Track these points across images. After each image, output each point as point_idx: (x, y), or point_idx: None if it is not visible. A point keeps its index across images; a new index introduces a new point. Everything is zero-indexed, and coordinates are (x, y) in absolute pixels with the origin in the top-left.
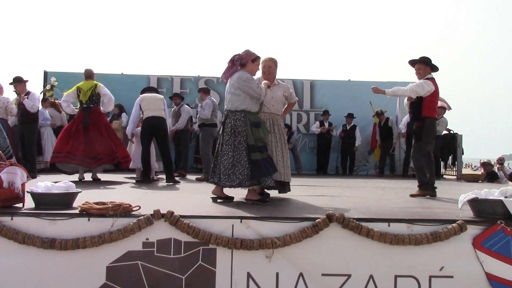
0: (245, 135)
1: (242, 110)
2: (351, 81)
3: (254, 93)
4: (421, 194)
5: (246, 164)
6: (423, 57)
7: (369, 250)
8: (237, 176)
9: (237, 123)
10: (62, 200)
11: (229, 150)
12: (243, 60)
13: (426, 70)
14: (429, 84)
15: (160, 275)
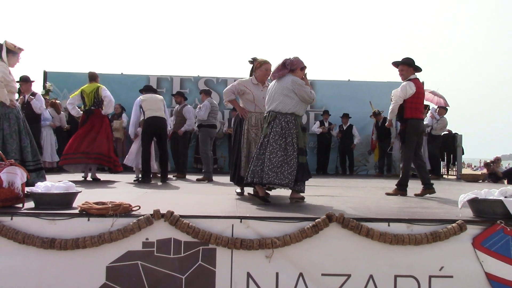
0: (296, 137)
1: (292, 113)
2: (350, 81)
3: (308, 97)
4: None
5: (294, 165)
6: (406, 58)
7: (369, 250)
8: (286, 176)
9: (288, 125)
10: (62, 200)
11: (278, 149)
12: (293, 66)
13: (409, 71)
14: (411, 86)
15: (160, 275)
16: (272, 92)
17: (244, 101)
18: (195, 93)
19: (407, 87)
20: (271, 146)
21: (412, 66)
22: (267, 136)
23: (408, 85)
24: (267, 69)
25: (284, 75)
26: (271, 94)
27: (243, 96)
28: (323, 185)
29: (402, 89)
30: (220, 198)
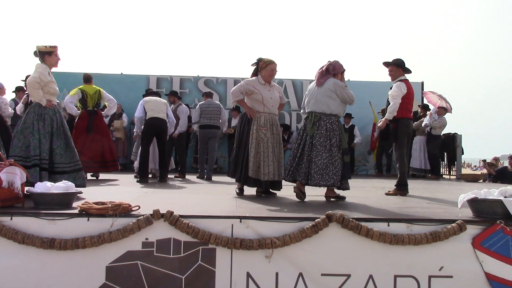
0: (339, 138)
1: (335, 114)
2: (350, 81)
3: (349, 98)
4: (396, 193)
5: (339, 165)
6: (396, 59)
7: (369, 250)
8: (331, 176)
9: (332, 126)
10: (62, 200)
11: (323, 151)
12: (335, 71)
13: (398, 71)
14: (404, 86)
15: (159, 275)
16: (314, 93)
17: (252, 101)
18: (195, 93)
19: (401, 87)
20: (316, 148)
21: (401, 67)
22: (313, 137)
23: (401, 84)
24: (272, 69)
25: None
26: (312, 96)
27: (251, 96)
28: None
29: (397, 88)
30: (220, 198)
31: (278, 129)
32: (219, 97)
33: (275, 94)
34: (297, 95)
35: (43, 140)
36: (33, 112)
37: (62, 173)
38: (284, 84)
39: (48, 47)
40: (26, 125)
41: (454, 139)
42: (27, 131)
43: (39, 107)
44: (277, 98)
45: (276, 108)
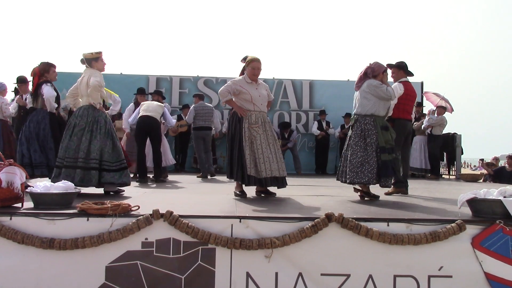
0: (375, 137)
1: (371, 114)
2: (350, 81)
3: (385, 94)
4: (396, 191)
5: (375, 164)
6: (398, 62)
7: (368, 250)
8: (366, 174)
9: (367, 126)
10: (61, 200)
11: (358, 150)
12: (375, 72)
13: (399, 73)
14: (400, 87)
15: (159, 275)
16: (355, 97)
17: (241, 101)
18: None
19: (397, 88)
20: (351, 148)
21: (402, 69)
22: (350, 138)
23: (398, 86)
24: (253, 67)
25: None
26: (355, 100)
27: (239, 96)
28: (322, 185)
29: (394, 89)
30: (220, 198)
31: (271, 126)
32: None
33: (263, 92)
34: (296, 95)
35: (95, 141)
36: (87, 115)
37: (109, 171)
38: (284, 84)
39: (94, 54)
40: (80, 127)
41: (454, 139)
42: (80, 133)
43: (93, 110)
44: (265, 95)
45: (265, 106)
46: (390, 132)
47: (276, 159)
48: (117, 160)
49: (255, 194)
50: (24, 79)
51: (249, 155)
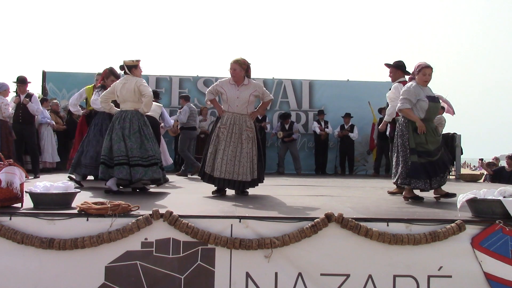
0: (407, 139)
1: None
2: (349, 81)
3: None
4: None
5: (407, 164)
6: (396, 61)
7: (368, 250)
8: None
9: (400, 127)
10: (61, 200)
11: (395, 151)
12: (413, 75)
13: (398, 73)
14: (401, 87)
15: (159, 275)
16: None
17: (221, 101)
18: (194, 93)
19: (398, 88)
20: (395, 147)
21: (400, 69)
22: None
23: (399, 86)
24: (230, 68)
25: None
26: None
27: (221, 96)
28: (322, 185)
29: (395, 90)
30: (219, 198)
31: (242, 128)
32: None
33: (242, 94)
34: (296, 95)
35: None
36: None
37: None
38: (284, 84)
39: (134, 61)
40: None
41: (453, 139)
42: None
43: (141, 115)
44: (245, 98)
45: (243, 108)
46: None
47: (237, 162)
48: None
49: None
50: (24, 79)
51: (211, 154)
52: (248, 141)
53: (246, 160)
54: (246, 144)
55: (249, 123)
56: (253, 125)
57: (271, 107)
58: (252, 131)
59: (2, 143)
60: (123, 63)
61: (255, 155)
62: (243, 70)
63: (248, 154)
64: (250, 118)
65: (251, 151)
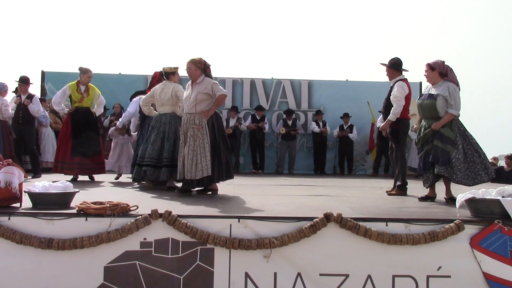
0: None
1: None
2: (349, 81)
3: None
4: (398, 193)
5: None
6: (391, 60)
7: (367, 250)
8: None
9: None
10: (60, 200)
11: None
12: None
13: (393, 72)
14: (406, 86)
15: (158, 275)
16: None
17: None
18: None
19: (404, 87)
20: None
21: (394, 68)
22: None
23: (403, 85)
24: (186, 67)
25: None
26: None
27: None
28: (321, 185)
29: (400, 89)
30: (219, 198)
31: (194, 127)
32: None
33: (193, 93)
34: (295, 95)
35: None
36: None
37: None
38: (283, 84)
39: (172, 68)
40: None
41: None
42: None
43: (178, 118)
44: (194, 96)
45: (191, 107)
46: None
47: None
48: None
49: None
50: (27, 79)
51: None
52: (195, 138)
53: (191, 158)
54: (192, 142)
55: (198, 120)
56: (203, 122)
57: (270, 107)
58: (201, 129)
59: (4, 143)
60: (162, 70)
61: (206, 152)
62: (199, 69)
63: (194, 151)
64: (200, 116)
65: (198, 148)
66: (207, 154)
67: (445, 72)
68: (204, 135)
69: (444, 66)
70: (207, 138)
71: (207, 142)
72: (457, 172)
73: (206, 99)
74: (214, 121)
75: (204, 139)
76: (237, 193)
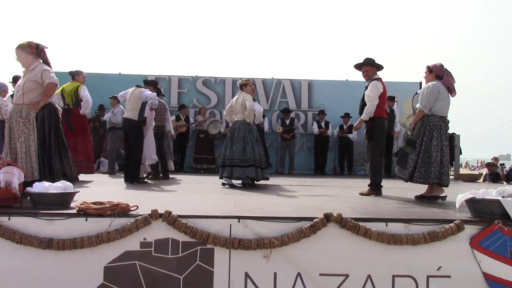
0: None
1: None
2: (348, 81)
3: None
4: (370, 193)
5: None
6: (368, 58)
7: (367, 250)
8: None
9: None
10: (60, 200)
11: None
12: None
13: (373, 71)
14: (380, 85)
15: (158, 275)
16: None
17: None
18: (193, 93)
19: (377, 86)
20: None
21: (375, 66)
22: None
23: (377, 84)
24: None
25: None
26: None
27: None
28: (321, 185)
29: (374, 88)
30: (218, 198)
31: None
32: (218, 97)
33: (22, 82)
34: (295, 95)
35: (254, 146)
36: (244, 128)
37: (262, 168)
38: (283, 84)
39: (244, 80)
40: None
41: (452, 139)
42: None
43: (247, 124)
44: (22, 85)
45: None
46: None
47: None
48: (265, 159)
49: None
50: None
51: None
52: (19, 134)
53: (21, 156)
54: (18, 139)
55: (25, 113)
56: (31, 116)
57: (270, 107)
58: (27, 123)
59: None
60: (238, 83)
61: (31, 152)
62: (31, 54)
63: (21, 149)
64: (28, 108)
65: (24, 145)
66: (32, 154)
67: (442, 75)
68: (31, 131)
69: (442, 69)
70: (34, 134)
71: (33, 140)
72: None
73: (35, 88)
74: (46, 115)
75: (30, 135)
76: (237, 193)
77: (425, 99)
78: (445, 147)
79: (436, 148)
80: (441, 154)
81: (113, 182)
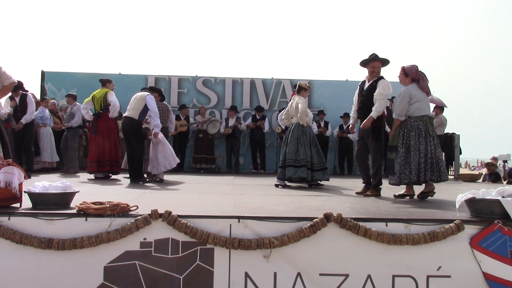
0: None
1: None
2: (348, 81)
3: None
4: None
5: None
6: (375, 54)
7: (367, 250)
8: None
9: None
10: (60, 200)
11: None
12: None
13: (380, 67)
14: (390, 85)
15: (157, 275)
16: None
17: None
18: (193, 93)
19: (390, 86)
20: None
21: (385, 63)
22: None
23: (389, 83)
24: None
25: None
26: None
27: None
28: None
29: (387, 88)
30: (218, 198)
31: None
32: (218, 97)
33: None
34: None
35: (306, 148)
36: (298, 130)
37: (315, 170)
38: (283, 84)
39: (305, 85)
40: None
41: (452, 139)
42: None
43: (302, 126)
44: None
45: None
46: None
47: None
48: (320, 162)
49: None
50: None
51: None
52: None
53: None
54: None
55: None
56: None
57: (270, 107)
58: None
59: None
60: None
61: None
62: None
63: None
64: None
65: None
66: None
67: (418, 79)
68: None
69: (418, 72)
70: None
71: None
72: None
73: None
74: None
75: None
76: (237, 193)
77: (399, 107)
78: (430, 144)
79: (415, 148)
80: (426, 151)
81: (113, 182)
